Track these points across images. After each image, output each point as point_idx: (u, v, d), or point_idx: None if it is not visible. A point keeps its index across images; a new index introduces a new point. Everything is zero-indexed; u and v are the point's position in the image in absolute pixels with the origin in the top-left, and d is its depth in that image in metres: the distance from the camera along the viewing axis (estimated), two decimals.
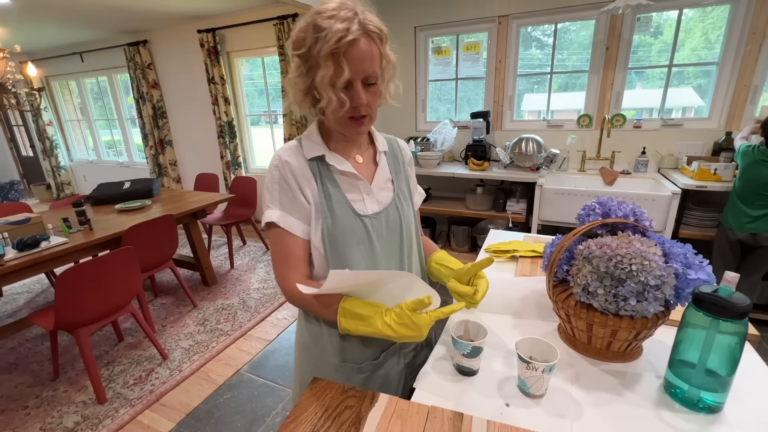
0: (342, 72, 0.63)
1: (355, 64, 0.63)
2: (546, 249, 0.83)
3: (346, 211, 0.75)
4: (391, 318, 0.63)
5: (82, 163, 5.91)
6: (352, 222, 0.75)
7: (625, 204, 0.78)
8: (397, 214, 0.80)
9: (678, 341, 0.66)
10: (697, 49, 2.53)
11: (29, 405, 1.86)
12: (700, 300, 0.60)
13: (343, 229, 0.74)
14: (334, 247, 0.74)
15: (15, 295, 3.01)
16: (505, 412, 0.65)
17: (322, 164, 0.76)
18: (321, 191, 0.74)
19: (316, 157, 0.75)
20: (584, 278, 0.69)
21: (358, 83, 0.65)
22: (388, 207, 0.80)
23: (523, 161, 2.65)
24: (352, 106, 0.67)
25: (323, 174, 0.75)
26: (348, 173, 0.76)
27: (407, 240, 0.82)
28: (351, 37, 0.61)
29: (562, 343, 0.82)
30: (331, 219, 0.73)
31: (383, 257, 0.78)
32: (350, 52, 0.62)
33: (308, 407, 0.64)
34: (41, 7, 3.14)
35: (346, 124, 0.71)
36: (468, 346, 0.70)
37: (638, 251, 0.65)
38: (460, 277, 0.77)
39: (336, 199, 0.75)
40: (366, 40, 0.64)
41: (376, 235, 0.77)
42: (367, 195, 0.78)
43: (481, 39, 2.98)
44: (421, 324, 0.62)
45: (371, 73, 0.66)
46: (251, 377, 2.01)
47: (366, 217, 0.76)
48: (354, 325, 0.66)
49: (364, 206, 0.77)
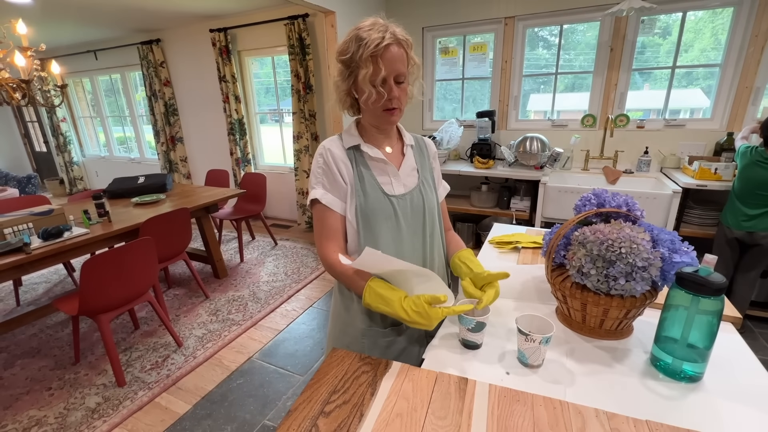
0: (379, 71, 0.78)
1: (389, 65, 0.78)
2: (545, 237, 0.90)
3: (376, 191, 0.87)
4: (408, 305, 0.73)
5: (95, 159, 6.04)
6: (381, 200, 0.87)
7: (618, 195, 0.85)
8: (420, 197, 0.92)
9: (663, 319, 0.73)
10: (707, 50, 2.54)
11: (53, 386, 1.96)
12: (682, 278, 0.67)
13: (373, 206, 0.86)
14: (366, 222, 0.86)
15: (34, 284, 3.12)
16: (506, 378, 0.72)
17: (358, 152, 0.90)
18: (356, 174, 0.88)
19: (353, 146, 0.90)
20: (579, 261, 0.76)
21: (391, 80, 0.80)
22: (413, 191, 0.92)
23: (527, 160, 2.72)
24: (388, 98, 0.81)
25: (358, 160, 0.89)
26: (379, 159, 0.89)
27: (429, 221, 0.94)
28: (386, 42, 0.77)
29: (559, 323, 0.89)
30: (363, 197, 0.86)
31: (407, 233, 0.90)
32: (385, 55, 0.78)
33: (329, 371, 0.72)
34: (60, 6, 3.25)
35: (381, 116, 0.84)
36: (473, 321, 0.77)
37: (627, 236, 0.72)
38: (476, 280, 0.85)
39: (368, 181, 0.88)
40: (397, 46, 0.79)
41: (402, 213, 0.89)
42: (395, 178, 0.90)
43: (487, 39, 3.04)
44: (433, 316, 0.71)
45: (401, 72, 0.81)
46: (262, 364, 2.09)
47: (393, 197, 0.89)
48: (375, 302, 0.76)
49: (392, 188, 0.89)
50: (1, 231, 2.02)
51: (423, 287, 0.79)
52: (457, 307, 0.74)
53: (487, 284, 0.84)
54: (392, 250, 0.88)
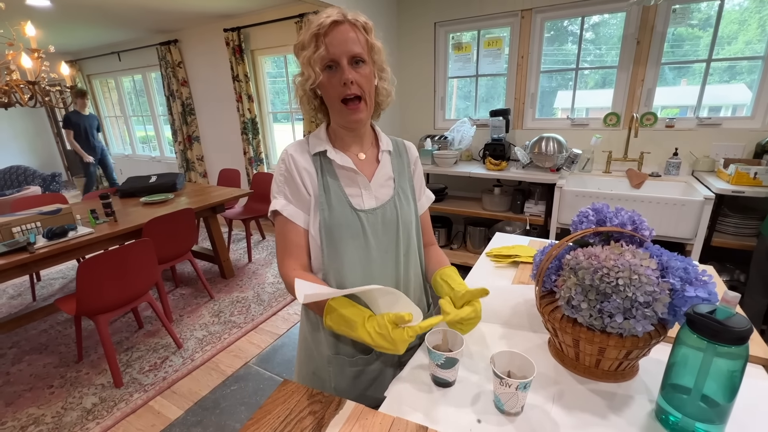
0: (319, 48, 0.69)
1: (338, 45, 0.69)
2: (536, 257, 0.78)
3: (343, 205, 0.78)
4: (372, 326, 0.63)
5: (119, 157, 6.24)
6: (348, 216, 0.77)
7: (623, 212, 0.72)
8: (394, 211, 0.82)
9: (671, 364, 0.60)
10: (753, 42, 2.29)
11: (54, 384, 1.98)
12: (693, 321, 0.54)
13: (338, 221, 0.77)
14: (330, 238, 0.77)
15: (52, 280, 3.22)
16: (476, 428, 0.61)
17: (325, 159, 0.80)
18: (321, 184, 0.78)
19: (319, 152, 0.80)
20: (568, 290, 0.64)
21: (344, 61, 0.70)
22: (386, 204, 0.81)
23: (542, 161, 2.55)
24: (342, 83, 0.70)
25: (325, 168, 0.80)
26: (347, 168, 0.79)
27: (405, 238, 0.83)
28: (332, 19, 0.68)
29: (550, 358, 0.77)
30: (328, 211, 0.77)
31: (378, 252, 0.80)
32: (332, 32, 0.69)
33: (273, 410, 0.63)
34: (79, 8, 3.32)
35: (341, 111, 0.74)
36: (441, 357, 0.67)
37: (627, 264, 0.59)
38: (455, 299, 0.74)
39: (334, 193, 0.78)
40: (349, 25, 0.70)
41: (371, 230, 0.79)
42: (365, 190, 0.80)
43: (503, 34, 2.88)
44: (398, 340, 0.61)
45: (355, 53, 0.70)
46: (258, 370, 2.05)
47: (362, 211, 0.79)
48: (337, 325, 0.68)
49: (362, 201, 0.79)
50: (10, 230, 2.06)
51: (393, 308, 0.69)
52: (424, 322, 0.63)
53: (466, 303, 0.72)
54: (359, 271, 0.78)
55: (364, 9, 2.78)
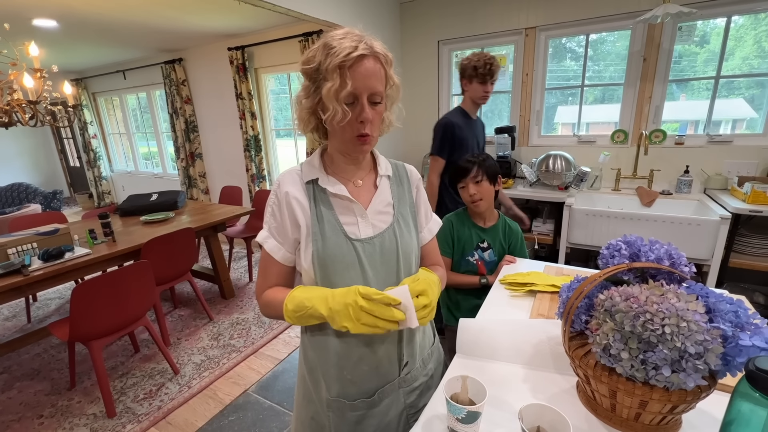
0: (346, 84, 0.65)
1: (363, 80, 0.65)
2: (562, 293, 0.71)
3: (338, 234, 0.73)
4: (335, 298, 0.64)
5: (122, 174, 6.24)
6: (343, 246, 0.73)
7: (658, 245, 0.66)
8: (393, 239, 0.76)
9: (728, 422, 0.53)
10: (749, 58, 2.30)
11: (44, 414, 1.89)
12: (755, 379, 0.47)
13: (332, 252, 0.72)
14: (323, 270, 0.72)
15: (48, 300, 3.15)
16: None
17: (318, 187, 0.76)
18: (314, 214, 0.74)
19: (312, 180, 0.76)
20: (605, 337, 0.57)
21: (364, 98, 0.67)
22: (384, 232, 0.76)
23: (550, 179, 2.50)
24: (359, 121, 0.68)
25: (318, 197, 0.75)
26: (341, 196, 0.75)
27: (405, 268, 0.77)
28: (359, 53, 0.64)
29: (581, 406, 0.69)
30: (321, 241, 0.72)
31: (376, 284, 0.74)
32: (357, 67, 0.65)
33: None
34: (85, 28, 3.35)
35: (353, 142, 0.71)
36: (463, 410, 0.60)
37: (673, 309, 0.53)
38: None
39: (328, 222, 0.74)
40: (373, 60, 0.67)
41: (368, 260, 0.73)
42: (362, 219, 0.76)
43: (506, 52, 2.87)
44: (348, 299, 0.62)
45: (377, 91, 0.68)
46: (258, 399, 1.95)
47: (358, 241, 0.74)
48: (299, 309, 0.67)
49: (358, 230, 0.75)
50: (5, 251, 2.00)
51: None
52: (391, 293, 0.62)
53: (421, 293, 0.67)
54: None
55: (367, 27, 2.78)
